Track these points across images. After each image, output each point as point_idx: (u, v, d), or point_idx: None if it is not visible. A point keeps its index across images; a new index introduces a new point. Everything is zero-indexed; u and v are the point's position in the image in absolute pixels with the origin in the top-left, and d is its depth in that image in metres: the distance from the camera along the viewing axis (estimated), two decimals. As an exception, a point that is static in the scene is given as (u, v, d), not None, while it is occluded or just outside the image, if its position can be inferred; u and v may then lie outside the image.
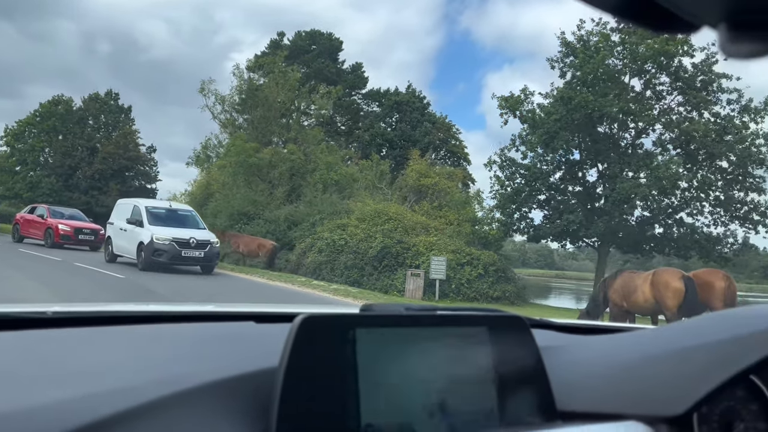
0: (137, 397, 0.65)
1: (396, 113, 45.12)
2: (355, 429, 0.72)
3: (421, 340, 0.81)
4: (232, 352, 0.93)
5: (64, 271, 15.45)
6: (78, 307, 1.19)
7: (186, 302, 1.88)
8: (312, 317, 0.74)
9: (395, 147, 43.68)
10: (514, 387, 0.85)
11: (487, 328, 0.86)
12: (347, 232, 22.12)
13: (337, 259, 21.37)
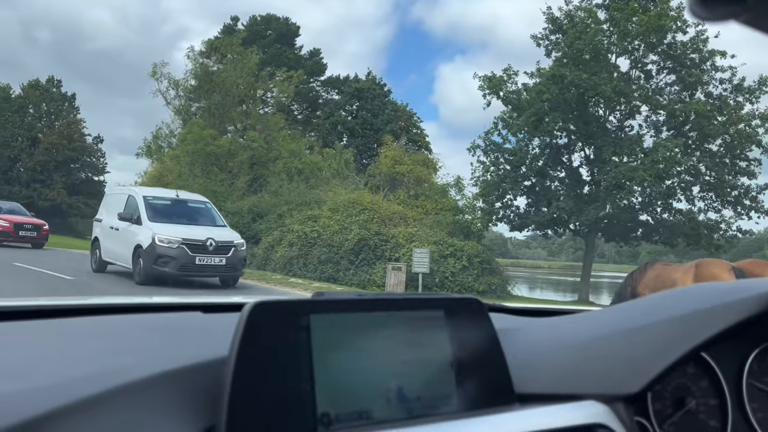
0: (70, 394, 0.60)
1: (357, 101, 43.10)
2: (311, 418, 0.69)
3: (377, 325, 0.78)
4: (178, 343, 0.87)
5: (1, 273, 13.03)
6: (6, 301, 1.08)
7: (129, 295, 0.92)
8: (263, 303, 0.70)
9: (356, 135, 41.71)
10: (472, 370, 0.82)
11: (443, 312, 0.83)
12: (319, 224, 20.13)
13: (310, 253, 19.38)
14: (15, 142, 40.26)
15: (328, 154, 31.05)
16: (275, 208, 22.55)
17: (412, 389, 0.77)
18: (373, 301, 0.80)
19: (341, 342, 0.74)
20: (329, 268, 18.91)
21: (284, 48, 41.72)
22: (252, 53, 29.49)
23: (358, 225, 19.62)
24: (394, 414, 0.75)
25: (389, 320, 0.80)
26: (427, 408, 0.77)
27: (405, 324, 0.80)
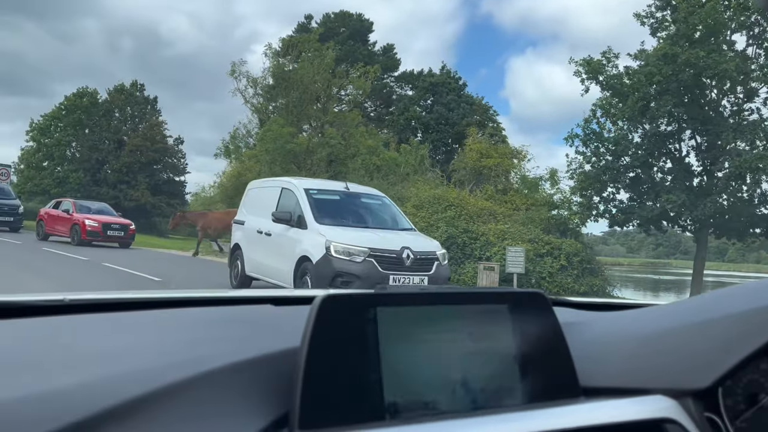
0: (159, 379, 0.64)
1: (431, 96, 41.85)
2: (380, 406, 0.70)
3: (441, 319, 0.78)
4: (251, 334, 0.90)
5: (90, 274, 12.63)
6: (94, 294, 1.14)
7: (202, 289, 1.42)
8: (332, 296, 0.72)
9: (431, 131, 40.50)
10: (537, 363, 0.82)
11: (507, 306, 0.83)
12: (404, 221, 19.09)
13: (395, 252, 18.39)
14: (102, 145, 41.31)
15: (405, 150, 30.01)
16: (356, 206, 21.66)
17: (477, 381, 0.77)
18: (436, 295, 0.80)
19: (407, 334, 0.75)
20: (416, 267, 17.83)
21: (358, 45, 40.99)
22: (329, 49, 28.74)
23: (445, 222, 18.40)
24: (459, 405, 0.75)
25: (453, 313, 0.79)
26: (491, 400, 0.77)
27: (469, 317, 0.80)
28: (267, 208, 9.78)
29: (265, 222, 9.74)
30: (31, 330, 0.89)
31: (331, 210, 9.34)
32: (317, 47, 28.63)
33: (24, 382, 0.62)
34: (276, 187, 10.25)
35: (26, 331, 0.88)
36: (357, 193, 10.27)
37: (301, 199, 9.28)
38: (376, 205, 10.32)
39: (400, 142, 34.38)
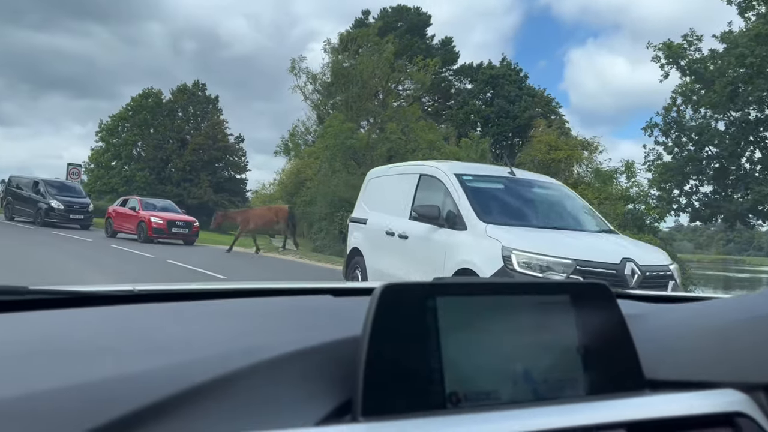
0: (224, 366, 0.66)
1: (491, 88, 40.75)
2: (440, 395, 0.70)
3: (501, 309, 0.78)
4: (312, 323, 0.92)
5: (156, 271, 12.53)
6: (162, 285, 1.19)
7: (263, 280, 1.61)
8: (392, 286, 0.72)
9: (491, 124, 39.45)
10: (599, 355, 0.81)
11: (569, 296, 0.82)
12: (469, 217, 18.34)
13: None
14: (166, 144, 42.19)
15: (466, 144, 29.20)
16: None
17: (538, 372, 0.77)
18: (497, 285, 0.80)
19: (467, 324, 0.75)
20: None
21: (415, 39, 40.28)
22: (388, 42, 28.20)
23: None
24: (521, 395, 0.75)
25: (514, 304, 0.79)
26: (553, 391, 0.76)
27: (530, 308, 0.79)
28: (398, 203, 7.33)
29: (396, 220, 7.19)
30: (105, 318, 0.92)
31: (497, 204, 6.67)
32: (376, 41, 28.14)
33: (103, 365, 0.65)
34: (412, 173, 7.61)
35: (101, 319, 0.91)
36: (527, 180, 7.33)
37: (452, 189, 6.55)
38: (555, 197, 7.35)
39: (460, 136, 33.57)
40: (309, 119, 38.52)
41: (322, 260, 17.91)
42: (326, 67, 28.86)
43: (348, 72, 27.61)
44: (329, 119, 27.26)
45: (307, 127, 38.57)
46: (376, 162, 26.52)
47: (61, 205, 23.44)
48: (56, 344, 0.75)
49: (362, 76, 27.44)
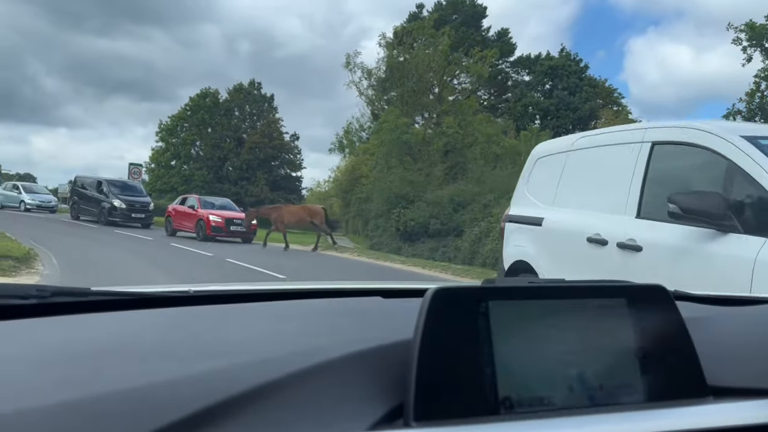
0: (280, 369, 0.66)
1: (550, 80, 39.43)
2: (494, 400, 0.69)
3: (555, 313, 0.76)
4: (362, 325, 0.92)
5: (215, 271, 12.35)
6: (215, 286, 1.22)
7: (313, 281, 1.63)
8: (443, 289, 0.71)
9: (551, 116, 38.15)
10: (658, 360, 0.78)
11: (625, 299, 0.79)
12: (533, 213, 17.50)
13: (524, 247, 16.86)
14: (224, 143, 42.72)
15: (525, 137, 28.22)
16: (479, 197, 20.31)
17: (594, 377, 0.74)
18: (549, 289, 0.78)
19: (519, 328, 0.73)
20: (548, 263, 16.22)
21: (471, 31, 39.34)
22: (444, 35, 27.49)
23: (580, 213, 16.68)
24: (576, 401, 0.72)
25: (568, 307, 0.77)
26: (610, 397, 0.74)
27: (584, 312, 0.77)
28: (609, 191, 4.51)
29: (609, 220, 4.38)
30: (162, 319, 0.94)
31: None
32: (432, 34, 27.47)
33: (160, 368, 0.65)
34: (633, 143, 4.44)
35: (157, 321, 0.93)
36: None
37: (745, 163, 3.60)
38: None
39: (518, 129, 32.55)
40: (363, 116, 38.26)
41: (380, 258, 17.48)
42: (381, 62, 28.40)
43: (403, 66, 27.06)
44: (384, 114, 26.81)
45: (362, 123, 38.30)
46: (432, 157, 25.91)
47: (123, 204, 23.83)
48: (118, 346, 0.75)
49: (418, 70, 26.87)
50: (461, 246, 19.02)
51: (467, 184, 21.46)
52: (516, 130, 32.05)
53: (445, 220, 20.77)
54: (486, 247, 17.70)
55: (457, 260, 18.83)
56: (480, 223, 18.83)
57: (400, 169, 23.59)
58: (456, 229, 20.40)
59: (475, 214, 19.62)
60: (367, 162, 30.04)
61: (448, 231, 20.68)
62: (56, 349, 0.74)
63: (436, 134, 26.00)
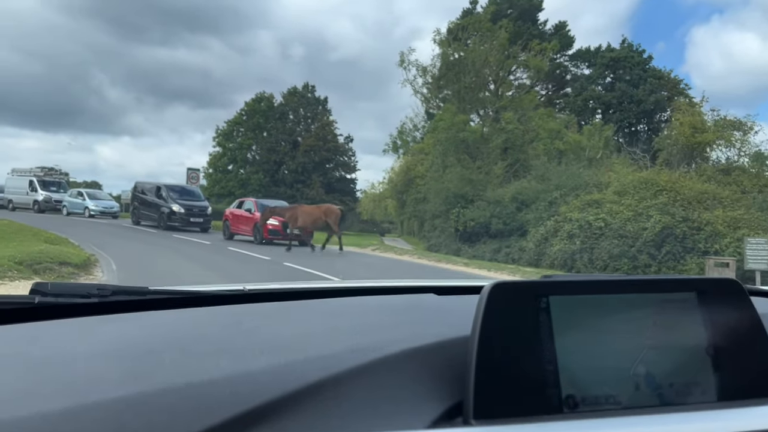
0: (340, 364, 0.66)
1: (611, 72, 37.66)
2: (557, 398, 0.66)
3: (620, 308, 0.72)
4: (418, 322, 0.90)
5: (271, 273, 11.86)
6: (269, 285, 1.22)
7: (367, 279, 1.63)
8: (502, 284, 0.69)
9: (613, 110, 36.42)
10: (732, 357, 0.74)
11: (696, 294, 0.75)
12: (604, 211, 16.37)
13: (597, 246, 15.74)
14: (279, 147, 42.78)
15: (588, 131, 26.87)
16: (544, 195, 19.23)
17: (663, 375, 0.71)
18: (613, 283, 0.74)
19: (582, 324, 0.70)
20: (623, 263, 15.08)
21: (527, 25, 38.00)
22: (501, 28, 26.44)
23: (657, 210, 15.45)
24: (645, 400, 0.69)
25: (635, 302, 0.73)
26: (680, 396, 0.70)
27: (651, 307, 0.73)
28: None
29: None
30: (218, 317, 0.94)
31: None
32: (488, 27, 26.47)
33: (219, 364, 0.66)
34: None
35: (214, 318, 0.93)
36: None
37: None
38: None
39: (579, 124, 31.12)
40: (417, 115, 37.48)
41: (441, 260, 16.68)
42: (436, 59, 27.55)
43: (459, 62, 26.15)
44: (440, 112, 25.99)
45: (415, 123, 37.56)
46: (491, 155, 24.91)
47: (182, 209, 23.81)
48: (177, 343, 0.76)
49: (474, 66, 25.90)
50: (526, 246, 18.01)
51: (531, 182, 20.37)
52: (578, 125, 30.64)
53: (507, 220, 19.79)
54: (554, 248, 16.66)
55: (522, 261, 17.85)
56: (546, 222, 17.79)
57: (459, 168, 22.70)
58: (519, 229, 19.39)
59: (540, 213, 18.57)
60: (423, 162, 29.25)
61: (510, 231, 19.69)
62: (117, 345, 0.74)
63: (495, 131, 24.97)
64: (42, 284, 0.93)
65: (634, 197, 16.26)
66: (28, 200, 30.47)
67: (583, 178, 18.75)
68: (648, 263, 14.95)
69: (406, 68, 28.25)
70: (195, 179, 30.29)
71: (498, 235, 20.00)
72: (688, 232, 14.87)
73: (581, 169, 19.82)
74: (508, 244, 19.28)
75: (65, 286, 0.94)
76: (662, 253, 14.94)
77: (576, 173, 19.34)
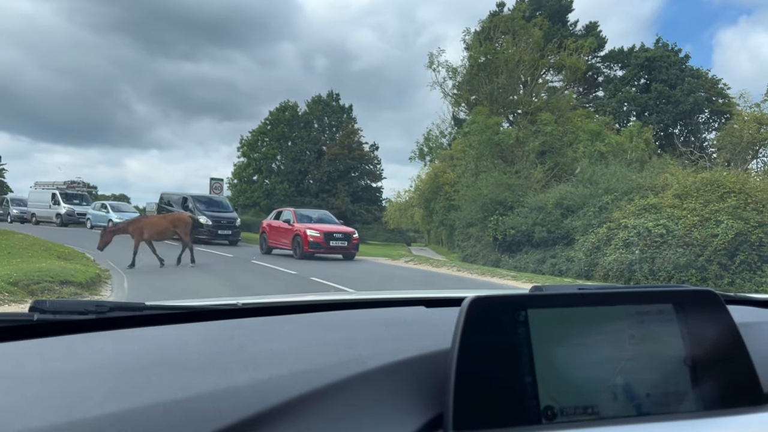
0: (320, 379, 0.66)
1: (646, 73, 35.66)
2: (535, 410, 0.67)
3: (600, 320, 0.72)
4: (404, 335, 0.90)
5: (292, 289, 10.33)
6: (262, 298, 1.21)
7: (360, 291, 1.58)
8: (481, 299, 0.69)
9: (649, 111, 34.41)
10: (710, 367, 0.73)
11: (672, 305, 0.75)
12: (665, 216, 14.54)
13: (658, 256, 13.91)
14: (304, 156, 41.48)
15: (629, 131, 25.03)
16: (592, 200, 17.41)
17: (641, 386, 0.71)
18: (593, 295, 0.74)
19: (561, 336, 0.70)
20: (691, 274, 13.23)
21: (557, 26, 36.25)
22: (535, 26, 24.75)
23: (727, 214, 13.59)
24: (623, 411, 0.69)
25: (612, 314, 0.73)
26: (658, 406, 0.70)
27: (630, 318, 0.73)
28: None
29: None
30: (209, 332, 0.94)
31: None
32: (522, 25, 24.80)
33: (205, 379, 0.66)
34: None
35: (205, 333, 0.93)
36: None
37: None
38: None
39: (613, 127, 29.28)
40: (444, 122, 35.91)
41: (485, 273, 14.98)
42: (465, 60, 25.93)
43: (492, 62, 24.49)
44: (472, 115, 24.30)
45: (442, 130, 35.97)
46: (527, 159, 23.18)
47: (209, 221, 22.30)
48: (166, 359, 0.76)
49: (507, 66, 24.24)
50: (575, 256, 16.20)
51: (576, 186, 18.55)
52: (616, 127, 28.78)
53: (551, 227, 17.99)
54: (608, 258, 14.84)
55: (570, 273, 16.07)
56: (597, 229, 15.98)
57: (495, 173, 20.97)
58: (565, 237, 17.58)
59: (588, 219, 16.75)
60: (454, 167, 27.60)
61: (555, 239, 17.90)
62: (108, 362, 0.75)
63: (531, 133, 23.22)
64: (41, 302, 0.93)
65: (698, 200, 14.42)
66: (50, 213, 29.50)
67: (636, 180, 16.90)
68: (719, 274, 13.09)
69: (436, 70, 26.68)
70: (218, 189, 28.95)
71: (541, 244, 18.22)
72: (765, 239, 12.99)
73: (630, 172, 17.96)
74: (554, 253, 17.49)
75: (64, 303, 0.93)
76: (736, 263, 13.07)
77: (626, 176, 17.50)
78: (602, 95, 37.90)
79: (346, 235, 17.86)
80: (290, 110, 42.34)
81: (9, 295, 7.56)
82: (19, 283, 8.19)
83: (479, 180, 21.89)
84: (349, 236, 17.90)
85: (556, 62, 26.49)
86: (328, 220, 19.45)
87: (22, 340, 0.84)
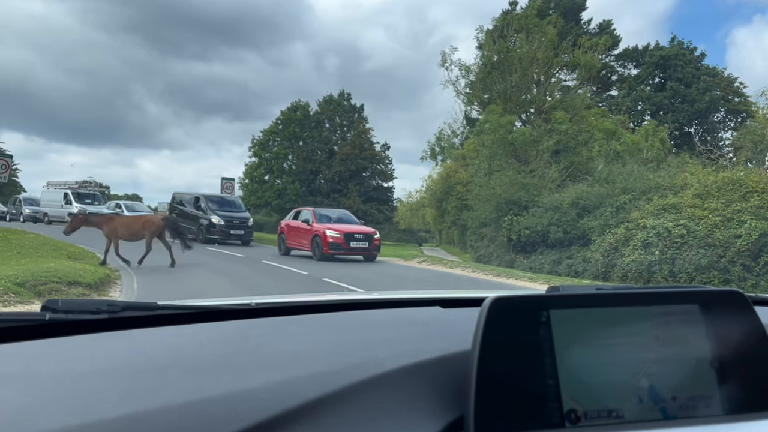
0: (338, 381, 0.65)
1: (660, 71, 35.11)
2: (558, 413, 0.65)
3: (623, 321, 0.70)
4: (421, 336, 0.89)
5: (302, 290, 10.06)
6: (277, 298, 1.19)
7: (374, 291, 1.48)
8: (502, 299, 0.68)
9: (664, 110, 33.86)
10: (737, 369, 0.71)
11: (699, 306, 0.73)
12: (685, 216, 14.13)
13: (678, 257, 13.51)
14: (315, 156, 41.29)
15: (645, 130, 24.57)
16: (609, 200, 17.02)
17: (667, 389, 0.69)
18: (615, 296, 0.72)
19: (584, 338, 0.69)
20: (713, 276, 12.83)
21: (570, 24, 35.76)
22: (549, 24, 24.36)
23: (751, 214, 13.17)
24: (648, 414, 0.67)
25: (637, 315, 0.71)
26: (684, 409, 0.68)
27: (654, 319, 0.71)
28: None
29: None
30: (222, 332, 0.92)
31: None
32: (536, 23, 24.41)
33: (221, 381, 0.65)
34: None
35: (218, 334, 0.91)
36: None
37: None
38: None
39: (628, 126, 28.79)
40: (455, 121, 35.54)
41: (501, 274, 14.66)
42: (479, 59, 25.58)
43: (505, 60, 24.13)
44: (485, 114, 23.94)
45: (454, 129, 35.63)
46: (542, 158, 22.80)
47: (222, 221, 22.04)
48: (179, 360, 0.75)
49: (521, 63, 23.86)
50: (591, 257, 15.81)
51: (593, 185, 18.16)
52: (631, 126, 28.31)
53: (567, 228, 17.61)
54: (626, 259, 14.45)
55: (587, 274, 15.70)
56: (615, 229, 15.59)
57: (510, 172, 20.61)
58: (582, 238, 17.19)
59: (606, 219, 16.36)
60: (466, 167, 27.25)
61: (571, 240, 17.51)
62: (121, 363, 0.73)
63: (546, 132, 22.83)
64: (53, 301, 0.91)
65: (720, 200, 14.00)
66: (63, 213, 29.45)
67: (654, 180, 16.49)
68: (743, 276, 12.67)
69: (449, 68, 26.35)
70: (229, 189, 28.77)
71: (557, 245, 17.84)
72: (791, 240, 12.56)
73: (648, 171, 17.55)
74: (570, 254, 17.11)
75: (76, 302, 0.92)
76: (760, 265, 12.65)
77: (644, 175, 17.09)
78: (616, 95, 37.37)
79: (366, 235, 17.23)
80: (302, 110, 42.15)
81: (15, 296, 7.35)
82: (26, 283, 7.99)
83: (493, 179, 21.54)
84: (371, 237, 17.27)
85: (570, 60, 26.03)
86: (348, 219, 18.86)
87: (34, 340, 0.82)
